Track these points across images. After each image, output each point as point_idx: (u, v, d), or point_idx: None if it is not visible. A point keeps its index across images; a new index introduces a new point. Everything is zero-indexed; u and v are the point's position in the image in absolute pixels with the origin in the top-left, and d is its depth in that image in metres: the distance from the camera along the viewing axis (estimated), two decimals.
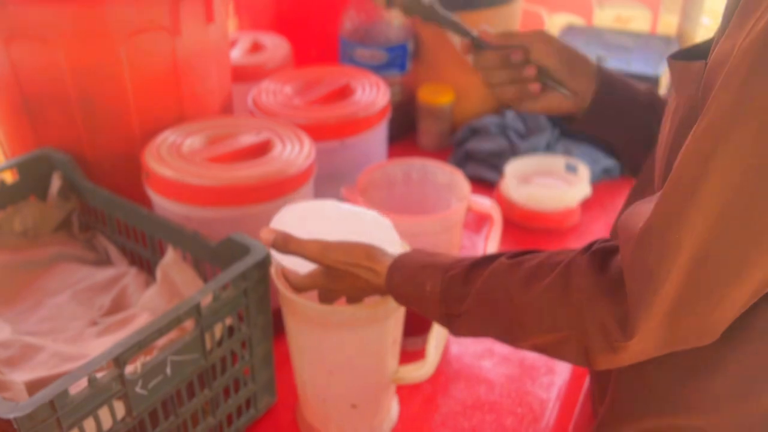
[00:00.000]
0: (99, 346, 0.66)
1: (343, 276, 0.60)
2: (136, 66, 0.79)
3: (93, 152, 0.82)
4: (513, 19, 1.24)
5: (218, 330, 0.63)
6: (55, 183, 0.80)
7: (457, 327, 0.56)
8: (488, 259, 0.55)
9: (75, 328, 0.70)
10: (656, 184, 0.56)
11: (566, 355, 0.51)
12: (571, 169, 1.05)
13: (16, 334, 0.67)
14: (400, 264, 0.58)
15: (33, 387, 0.59)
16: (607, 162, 1.12)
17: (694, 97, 0.48)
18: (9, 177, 0.80)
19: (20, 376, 0.60)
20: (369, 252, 0.59)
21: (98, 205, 0.79)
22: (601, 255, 0.49)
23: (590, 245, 0.51)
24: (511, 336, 0.53)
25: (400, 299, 0.59)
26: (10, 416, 0.47)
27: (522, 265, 0.52)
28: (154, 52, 0.79)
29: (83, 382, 0.52)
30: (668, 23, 1.23)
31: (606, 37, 1.21)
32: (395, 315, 0.64)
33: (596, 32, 1.24)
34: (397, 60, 1.17)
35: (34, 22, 0.74)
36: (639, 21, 1.26)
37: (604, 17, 1.29)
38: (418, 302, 0.57)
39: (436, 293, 0.55)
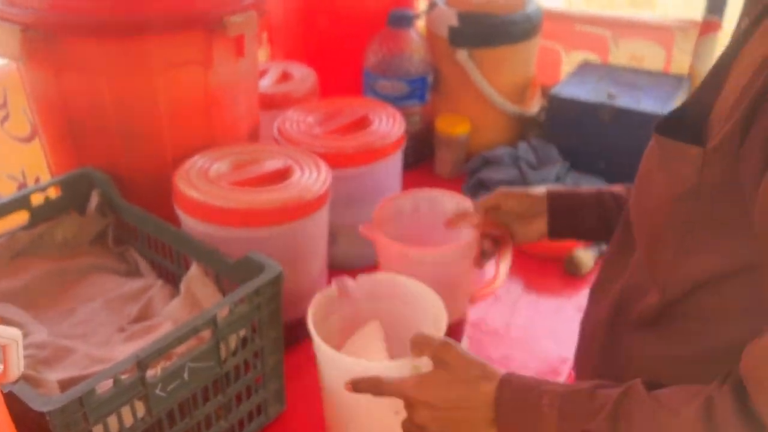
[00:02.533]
0: (125, 350, 0.72)
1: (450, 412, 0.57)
2: (170, 96, 0.86)
3: (129, 173, 0.90)
4: (531, 55, 1.30)
5: (233, 341, 0.69)
6: (94, 199, 0.88)
7: None
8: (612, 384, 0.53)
9: (104, 333, 0.77)
10: (640, 252, 0.61)
11: None
12: None
13: (52, 337, 0.74)
14: (510, 376, 0.57)
15: (65, 385, 0.66)
16: None
17: (691, 180, 0.51)
18: (53, 192, 0.88)
19: (54, 375, 0.67)
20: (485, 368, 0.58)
21: (131, 221, 0.87)
22: (743, 388, 0.46)
23: (727, 375, 0.48)
24: None
25: (506, 410, 0.55)
26: (44, 409, 0.54)
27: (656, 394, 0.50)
28: (188, 84, 0.87)
29: (109, 383, 0.58)
30: (681, 63, 1.27)
31: (619, 75, 1.25)
32: None
33: (610, 70, 1.28)
34: (417, 92, 1.23)
35: (82, 55, 0.82)
36: (653, 60, 1.30)
37: (620, 55, 1.33)
38: (530, 413, 0.53)
39: (554, 407, 0.52)
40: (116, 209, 0.88)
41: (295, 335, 0.86)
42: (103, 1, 0.80)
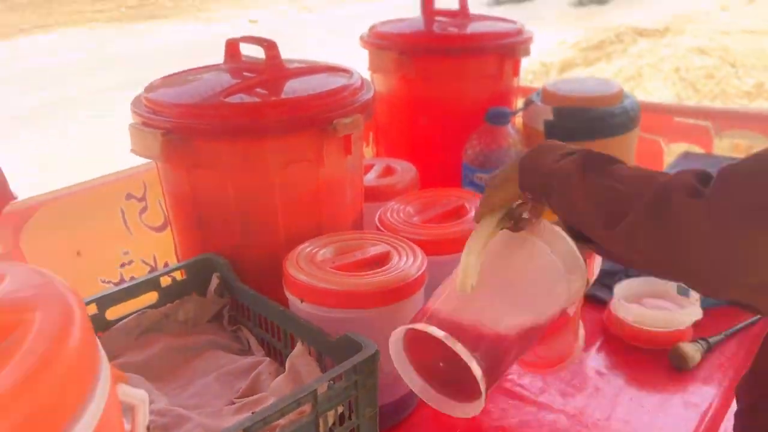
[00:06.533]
0: (234, 422, 0.78)
1: None
2: (285, 190, 0.96)
3: (246, 258, 0.99)
4: (630, 147, 1.31)
5: (331, 416, 0.73)
6: (214, 282, 0.97)
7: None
8: None
9: (216, 405, 0.83)
10: None
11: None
12: (683, 292, 1.06)
13: (171, 406, 0.81)
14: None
15: None
16: None
17: None
18: (179, 275, 0.99)
19: None
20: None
21: (245, 301, 0.95)
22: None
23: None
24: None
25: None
26: None
27: None
28: (301, 179, 0.97)
29: None
30: None
31: (723, 163, 1.23)
32: None
33: (713, 159, 1.27)
34: None
35: (211, 155, 0.94)
36: (759, 148, 1.27)
37: (723, 146, 1.32)
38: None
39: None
40: (233, 291, 0.97)
41: (390, 419, 0.88)
42: (229, 110, 0.92)
